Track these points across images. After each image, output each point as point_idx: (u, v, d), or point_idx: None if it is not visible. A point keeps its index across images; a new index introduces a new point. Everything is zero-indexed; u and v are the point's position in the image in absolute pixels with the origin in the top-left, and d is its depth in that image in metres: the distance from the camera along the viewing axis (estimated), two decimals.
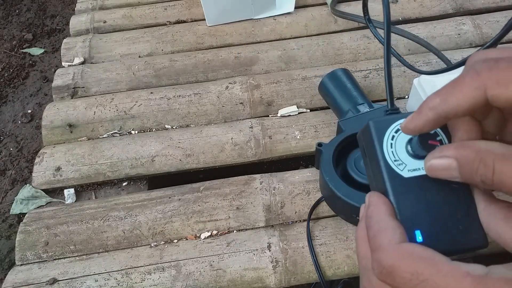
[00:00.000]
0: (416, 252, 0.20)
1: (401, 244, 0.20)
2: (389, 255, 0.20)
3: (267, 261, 0.44)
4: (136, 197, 0.50)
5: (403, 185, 0.24)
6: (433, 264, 0.19)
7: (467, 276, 0.18)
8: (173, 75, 0.63)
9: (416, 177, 0.24)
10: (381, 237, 0.21)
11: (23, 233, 0.48)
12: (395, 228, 0.22)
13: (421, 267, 0.19)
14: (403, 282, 0.19)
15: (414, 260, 0.19)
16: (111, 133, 0.57)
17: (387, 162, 0.24)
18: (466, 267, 0.18)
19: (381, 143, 0.25)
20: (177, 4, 0.75)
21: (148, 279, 0.43)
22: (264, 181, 0.50)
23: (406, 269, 0.19)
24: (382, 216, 0.23)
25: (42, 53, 1.30)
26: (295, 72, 0.60)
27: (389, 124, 0.25)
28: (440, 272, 0.18)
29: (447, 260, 0.19)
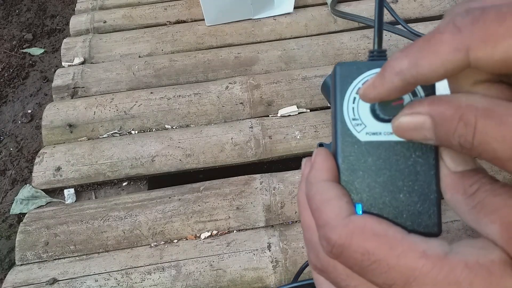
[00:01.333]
0: (367, 227, 0.17)
1: (350, 217, 0.18)
2: (337, 232, 0.17)
3: (267, 261, 0.44)
4: (136, 197, 0.50)
5: (355, 149, 0.20)
6: (386, 241, 0.17)
7: (423, 257, 0.16)
8: (173, 75, 0.63)
9: (374, 142, 0.20)
10: (326, 210, 0.18)
11: (23, 233, 0.48)
12: (340, 197, 0.19)
13: (373, 245, 0.17)
14: (355, 262, 0.17)
15: (365, 237, 0.17)
16: (111, 133, 0.57)
17: (344, 119, 0.21)
18: (424, 245, 0.16)
19: (343, 95, 0.21)
20: (177, 4, 0.75)
21: (148, 279, 0.43)
22: (264, 181, 0.50)
23: (357, 249, 0.17)
24: (325, 184, 0.20)
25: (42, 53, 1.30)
26: (295, 72, 0.60)
27: (359, 73, 0.21)
28: (393, 251, 0.16)
29: (403, 236, 0.17)
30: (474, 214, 0.17)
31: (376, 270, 0.16)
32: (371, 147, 0.20)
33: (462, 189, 0.17)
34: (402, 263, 0.16)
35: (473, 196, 0.17)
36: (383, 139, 0.20)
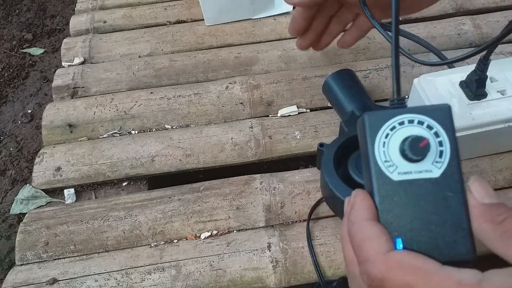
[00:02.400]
0: (405, 261, 0.19)
1: (389, 253, 0.19)
2: (377, 267, 0.19)
3: (267, 261, 0.44)
4: (136, 197, 0.50)
5: (390, 188, 0.22)
6: (423, 273, 0.18)
7: (459, 286, 0.17)
8: (173, 75, 0.63)
9: (406, 181, 0.22)
10: (367, 247, 0.20)
11: (23, 233, 0.48)
12: (379, 235, 0.20)
13: (412, 277, 0.18)
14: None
15: (403, 271, 0.19)
16: (111, 133, 0.57)
17: (377, 162, 0.23)
18: (458, 275, 0.18)
19: (373, 141, 0.23)
20: (177, 4, 0.75)
21: (148, 279, 0.43)
22: (264, 181, 0.50)
23: (396, 282, 0.18)
24: (365, 223, 0.21)
25: (42, 53, 1.30)
26: (295, 72, 0.60)
27: (385, 120, 0.23)
28: (431, 281, 0.18)
29: (439, 268, 0.18)
30: (503, 241, 0.18)
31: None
32: (404, 185, 0.22)
33: (490, 218, 0.19)
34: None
35: (501, 224, 0.19)
36: (414, 177, 0.22)
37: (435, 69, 0.53)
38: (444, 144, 0.22)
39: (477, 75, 0.42)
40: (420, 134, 0.22)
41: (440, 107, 0.23)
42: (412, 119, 0.23)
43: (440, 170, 0.22)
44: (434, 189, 0.22)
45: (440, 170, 0.22)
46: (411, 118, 0.23)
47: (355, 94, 0.50)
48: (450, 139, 0.22)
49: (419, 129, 0.23)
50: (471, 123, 0.43)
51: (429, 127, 0.22)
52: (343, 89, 0.50)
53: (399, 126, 0.23)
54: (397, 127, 0.23)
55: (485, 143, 0.46)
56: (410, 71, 0.58)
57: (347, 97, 0.50)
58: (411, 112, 0.23)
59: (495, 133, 0.43)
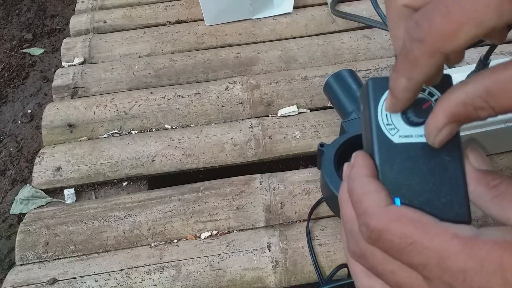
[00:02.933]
0: (404, 215, 0.19)
1: (388, 207, 0.20)
2: (376, 218, 0.20)
3: (267, 261, 0.44)
4: (136, 197, 0.50)
5: (391, 150, 0.23)
6: (421, 226, 0.19)
7: (455, 238, 0.18)
8: (173, 75, 0.63)
9: (407, 143, 0.23)
10: (367, 200, 0.21)
11: (23, 233, 0.48)
12: (379, 190, 0.21)
13: (409, 229, 0.19)
14: (392, 245, 0.19)
15: (402, 223, 0.19)
16: (111, 133, 0.57)
17: (379, 124, 0.24)
18: (455, 228, 0.18)
19: (377, 104, 0.24)
20: (177, 4, 0.75)
21: (148, 279, 0.43)
22: (264, 181, 0.50)
23: (395, 233, 0.19)
24: (365, 179, 0.22)
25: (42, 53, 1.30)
26: (295, 72, 0.60)
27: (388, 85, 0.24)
28: (427, 234, 0.18)
29: (436, 222, 0.19)
30: (497, 203, 0.19)
31: (412, 251, 0.18)
32: (404, 148, 0.23)
33: (485, 182, 0.20)
34: (436, 244, 0.18)
35: (496, 187, 0.20)
36: (414, 141, 0.23)
37: None
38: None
39: None
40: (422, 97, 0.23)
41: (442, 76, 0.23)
42: None
43: None
44: (433, 153, 0.22)
45: None
46: None
47: (356, 94, 0.50)
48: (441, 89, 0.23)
49: (421, 95, 0.23)
50: (471, 123, 0.43)
51: (430, 94, 0.23)
52: (344, 89, 0.50)
53: None
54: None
55: (485, 143, 0.46)
56: None
57: (348, 97, 0.50)
58: None
59: (495, 133, 0.43)
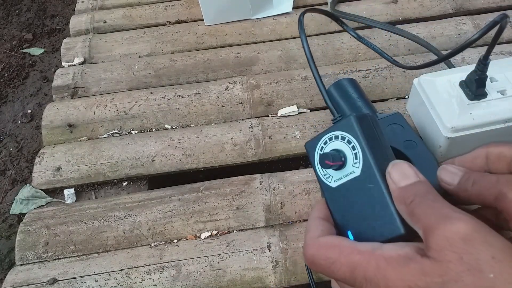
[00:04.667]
0: (328, 242, 0.25)
1: (318, 238, 0.25)
2: (309, 248, 0.25)
3: (267, 261, 0.44)
4: (136, 197, 0.50)
5: (333, 194, 0.28)
6: (339, 248, 0.24)
7: (358, 253, 0.22)
8: (173, 75, 0.63)
9: (341, 185, 0.27)
10: (307, 234, 0.26)
11: (23, 233, 0.48)
12: (317, 226, 0.27)
13: (330, 252, 0.24)
14: (322, 267, 0.24)
15: (326, 249, 0.24)
16: (111, 133, 0.57)
17: (320, 177, 0.29)
18: (360, 246, 0.23)
19: (313, 161, 0.29)
20: (177, 4, 0.75)
21: (148, 279, 0.43)
22: (264, 181, 0.50)
23: (321, 257, 0.24)
24: (314, 219, 0.27)
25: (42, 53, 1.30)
26: (295, 72, 0.60)
27: (316, 143, 0.29)
28: (342, 253, 0.23)
29: (350, 243, 0.24)
30: (411, 220, 0.23)
31: (335, 269, 0.23)
32: (340, 189, 0.28)
33: (403, 200, 0.24)
34: (348, 260, 0.23)
35: (409, 205, 0.23)
36: (345, 180, 0.27)
37: (435, 69, 0.53)
38: (356, 148, 0.27)
39: (477, 75, 0.42)
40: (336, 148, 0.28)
41: (346, 120, 0.28)
42: (331, 136, 0.29)
43: (359, 169, 0.26)
44: (359, 185, 0.26)
45: (359, 168, 0.26)
46: (330, 135, 0.29)
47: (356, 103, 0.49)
48: (359, 143, 0.27)
49: (338, 142, 0.28)
50: (471, 123, 0.43)
51: (342, 138, 0.28)
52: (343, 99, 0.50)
53: (324, 145, 0.29)
54: (324, 147, 0.29)
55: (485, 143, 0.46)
56: (410, 71, 0.58)
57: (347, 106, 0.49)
58: (330, 131, 0.29)
59: (495, 133, 0.43)
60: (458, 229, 0.20)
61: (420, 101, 0.47)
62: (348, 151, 0.27)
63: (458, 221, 0.20)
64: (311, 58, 0.37)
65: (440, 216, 0.21)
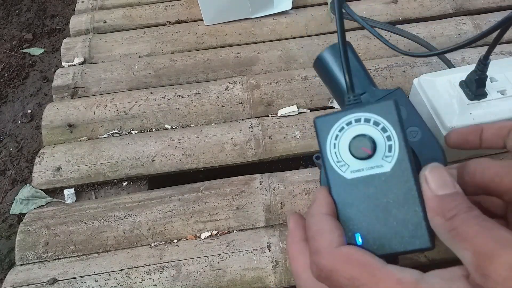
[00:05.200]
0: (353, 257, 0.20)
1: (339, 247, 0.21)
2: (327, 259, 0.20)
3: (267, 261, 0.44)
4: (136, 197, 0.50)
5: (345, 187, 0.23)
6: (369, 269, 0.19)
7: (398, 284, 0.18)
8: (173, 75, 0.63)
9: (359, 178, 0.23)
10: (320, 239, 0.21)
11: (23, 233, 0.48)
12: (333, 230, 0.22)
13: (357, 272, 0.19)
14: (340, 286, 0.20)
15: (351, 265, 0.20)
16: (111, 133, 0.57)
17: (330, 163, 0.24)
18: (400, 274, 0.19)
19: (325, 143, 0.24)
20: (177, 4, 0.75)
21: (148, 279, 0.43)
22: (264, 181, 0.50)
23: (343, 274, 0.19)
24: (322, 216, 0.22)
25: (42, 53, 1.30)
26: (295, 72, 0.60)
27: (333, 123, 0.24)
28: (374, 277, 0.19)
29: (383, 265, 0.19)
30: (451, 237, 0.19)
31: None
32: (357, 182, 0.23)
33: (442, 213, 0.20)
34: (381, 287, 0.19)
35: (451, 221, 0.19)
36: (366, 174, 0.23)
37: (435, 69, 0.53)
38: (392, 138, 0.22)
39: (477, 75, 0.42)
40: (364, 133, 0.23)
41: (385, 103, 0.23)
42: (359, 118, 0.23)
43: (390, 164, 0.22)
44: (387, 183, 0.22)
45: (391, 164, 0.22)
46: (357, 117, 0.23)
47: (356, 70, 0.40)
48: (397, 133, 0.22)
49: (366, 127, 0.23)
50: (471, 123, 0.43)
51: (375, 123, 0.23)
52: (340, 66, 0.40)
53: (347, 127, 0.24)
54: (345, 128, 0.24)
55: None
56: (410, 71, 0.58)
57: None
58: (358, 111, 0.23)
59: None
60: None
61: (420, 101, 0.47)
62: (381, 141, 0.23)
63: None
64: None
65: (499, 239, 0.17)
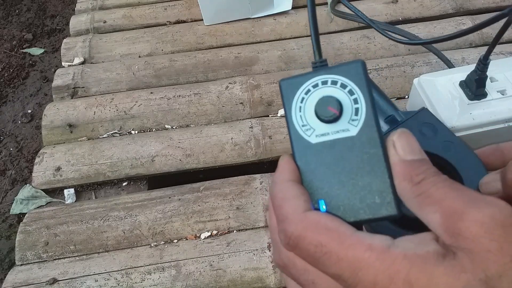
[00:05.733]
0: (321, 222, 0.19)
1: (306, 213, 0.20)
2: (294, 225, 0.19)
3: (267, 261, 0.44)
4: (136, 197, 0.50)
5: (310, 152, 0.22)
6: (337, 235, 0.18)
7: (368, 250, 0.17)
8: (173, 75, 0.63)
9: (324, 142, 0.22)
10: (286, 206, 0.20)
11: (23, 233, 0.48)
12: (299, 195, 0.21)
13: (325, 238, 0.18)
14: (308, 253, 0.19)
15: (318, 231, 0.19)
16: (111, 133, 0.57)
17: (295, 127, 0.23)
18: (370, 239, 0.18)
19: (290, 106, 0.23)
20: (177, 4, 0.75)
21: (148, 279, 0.43)
22: (264, 181, 0.50)
23: (311, 241, 0.18)
24: (286, 183, 0.22)
25: (42, 53, 1.30)
26: (295, 72, 0.60)
27: (299, 85, 0.23)
28: (342, 244, 0.18)
29: (352, 232, 0.19)
30: (418, 202, 0.18)
31: (327, 261, 0.18)
32: (322, 147, 0.22)
33: (409, 177, 0.19)
34: (350, 255, 0.18)
35: (418, 185, 0.19)
36: (331, 138, 0.22)
37: (435, 69, 0.53)
38: (359, 101, 0.22)
39: (477, 75, 0.42)
40: (330, 94, 0.22)
41: (352, 65, 0.22)
42: (325, 80, 0.22)
43: (357, 128, 0.21)
44: (352, 148, 0.21)
45: (357, 128, 0.21)
46: (324, 79, 0.22)
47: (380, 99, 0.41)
48: (364, 96, 0.22)
49: (333, 89, 0.22)
50: (471, 123, 0.43)
51: (343, 86, 0.22)
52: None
53: (313, 89, 0.23)
54: (311, 90, 0.23)
55: (485, 143, 0.46)
56: (410, 71, 0.58)
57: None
58: (325, 73, 0.22)
59: (495, 133, 0.43)
60: (494, 214, 0.16)
61: (420, 101, 0.47)
62: (347, 103, 0.22)
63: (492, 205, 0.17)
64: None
65: (468, 198, 0.17)
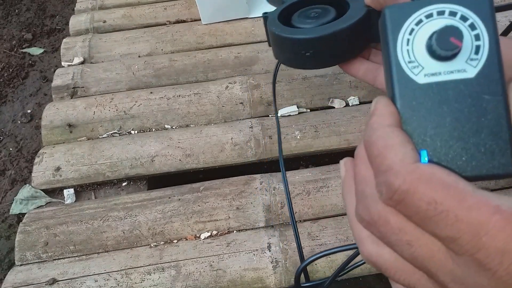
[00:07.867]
0: (436, 176, 0.16)
1: (417, 164, 0.17)
2: (401, 177, 0.16)
3: (267, 261, 0.43)
4: (135, 197, 0.50)
5: (415, 93, 0.19)
6: (457, 193, 0.15)
7: (497, 213, 0.14)
8: (173, 75, 0.63)
9: (434, 83, 0.19)
10: (390, 155, 0.17)
11: (23, 233, 0.48)
12: (405, 143, 0.18)
13: (441, 195, 0.15)
14: (418, 211, 0.16)
15: (433, 186, 0.16)
16: (111, 133, 0.57)
17: (399, 63, 0.19)
18: (496, 200, 0.15)
19: (395, 39, 0.20)
20: (177, 4, 0.75)
21: (148, 279, 0.43)
22: (264, 181, 0.49)
23: (423, 197, 0.16)
24: (388, 129, 0.18)
25: (42, 53, 1.30)
26: (295, 72, 0.60)
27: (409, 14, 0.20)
28: (463, 203, 0.15)
29: (474, 190, 0.15)
30: None
31: (442, 221, 0.15)
32: (431, 89, 0.19)
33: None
34: (473, 216, 0.15)
35: None
36: (443, 79, 0.19)
37: None
38: (481, 38, 0.18)
39: None
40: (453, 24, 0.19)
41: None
42: (442, 10, 0.19)
43: (476, 69, 0.18)
44: (467, 92, 0.18)
45: (476, 69, 0.18)
46: (441, 9, 0.19)
47: None
48: (489, 32, 0.18)
49: (451, 21, 0.19)
50: None
51: (463, 18, 0.19)
52: None
53: (426, 20, 0.19)
54: (424, 21, 0.19)
55: None
56: None
57: None
58: (441, 2, 0.19)
59: None
60: None
61: None
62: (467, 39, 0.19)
63: None
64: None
65: None
